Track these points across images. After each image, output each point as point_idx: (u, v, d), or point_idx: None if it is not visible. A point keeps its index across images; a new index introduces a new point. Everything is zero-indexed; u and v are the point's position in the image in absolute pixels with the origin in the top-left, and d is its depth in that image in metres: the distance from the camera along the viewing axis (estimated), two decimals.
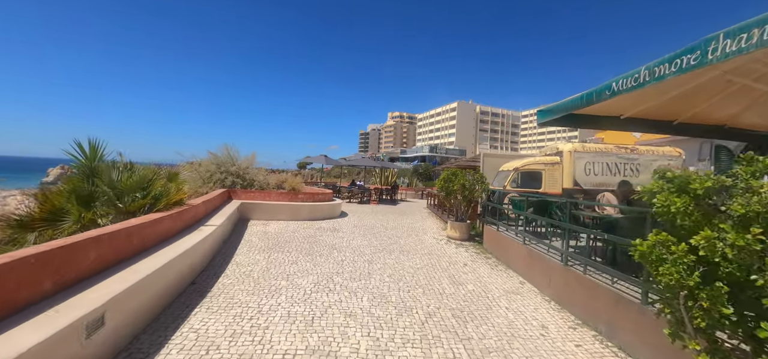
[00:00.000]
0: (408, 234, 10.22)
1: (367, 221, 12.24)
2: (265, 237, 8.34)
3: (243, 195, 10.83)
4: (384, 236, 9.57)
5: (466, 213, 10.14)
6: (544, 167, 9.58)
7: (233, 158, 11.86)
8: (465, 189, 9.52)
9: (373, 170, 33.06)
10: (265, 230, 9.16)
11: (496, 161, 11.68)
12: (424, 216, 15.39)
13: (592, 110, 5.95)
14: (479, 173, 9.91)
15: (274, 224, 10.08)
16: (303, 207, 11.21)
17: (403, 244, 8.77)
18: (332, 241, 8.48)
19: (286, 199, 11.27)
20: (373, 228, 10.79)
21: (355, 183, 23.48)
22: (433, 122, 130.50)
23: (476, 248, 9.00)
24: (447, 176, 9.72)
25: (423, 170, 51.57)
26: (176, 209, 5.47)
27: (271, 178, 12.69)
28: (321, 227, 10.22)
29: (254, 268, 5.84)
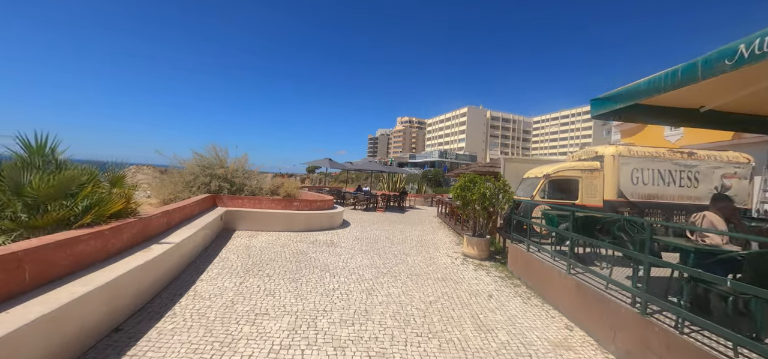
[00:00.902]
0: (417, 250, 8.75)
1: (371, 232, 10.81)
2: (245, 254, 6.98)
3: (229, 202, 9.53)
4: (389, 253, 8.12)
5: (486, 227, 8.63)
6: (581, 174, 8.04)
7: (222, 160, 10.59)
8: (486, 200, 8.03)
9: (381, 175, 31.68)
10: (249, 245, 7.80)
11: (518, 167, 10.15)
12: (435, 227, 13.88)
13: (666, 99, 4.49)
14: (502, 181, 8.40)
15: (262, 237, 8.72)
16: (298, 216, 9.85)
17: (412, 264, 7.30)
18: (326, 260, 7.07)
19: (279, 207, 9.93)
20: (377, 242, 9.35)
21: (360, 189, 22.11)
22: (443, 127, 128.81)
23: (499, 270, 7.48)
24: (464, 184, 8.24)
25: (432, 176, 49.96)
26: (113, 224, 4.13)
27: (265, 182, 11.38)
28: (316, 241, 8.82)
29: (215, 303, 4.45)
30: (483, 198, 7.95)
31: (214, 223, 7.87)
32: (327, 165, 21.57)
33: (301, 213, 9.99)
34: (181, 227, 6.23)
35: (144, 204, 7.24)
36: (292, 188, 11.13)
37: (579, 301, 4.73)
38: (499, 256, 8.85)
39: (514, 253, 7.43)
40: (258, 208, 9.68)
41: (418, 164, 73.80)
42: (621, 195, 7.84)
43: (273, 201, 9.88)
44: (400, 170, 24.58)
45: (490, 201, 8.09)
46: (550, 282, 5.59)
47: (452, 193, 8.52)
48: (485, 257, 8.41)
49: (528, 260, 6.61)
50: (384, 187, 28.43)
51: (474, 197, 7.95)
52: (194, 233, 6.07)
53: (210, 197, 9.15)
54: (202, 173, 9.75)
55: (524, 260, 6.78)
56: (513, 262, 7.42)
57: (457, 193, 8.30)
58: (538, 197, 8.15)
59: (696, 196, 7.89)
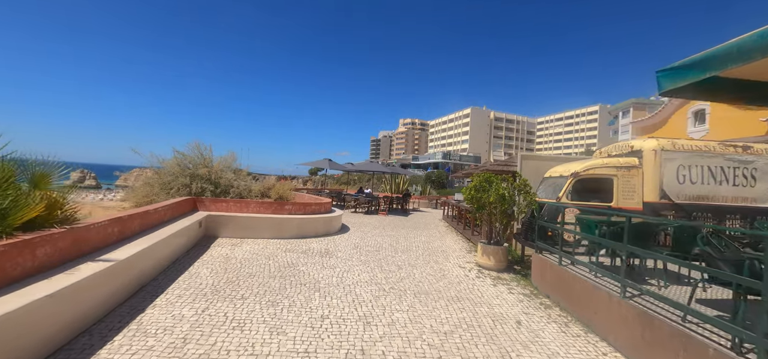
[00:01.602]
0: (425, 260, 7.62)
1: (371, 238, 9.69)
2: (221, 268, 5.88)
3: (212, 206, 8.45)
4: (392, 264, 7.00)
5: (504, 234, 7.49)
6: (616, 172, 6.89)
7: (206, 159, 9.52)
8: (505, 202, 6.89)
9: (383, 176, 30.56)
10: (229, 255, 6.70)
11: (537, 165, 9.00)
12: (442, 231, 12.74)
13: (756, 68, 3.35)
14: (522, 180, 7.26)
15: (246, 245, 7.63)
16: (289, 221, 8.75)
17: (420, 278, 6.18)
18: (318, 274, 5.96)
19: (269, 211, 8.83)
20: (379, 250, 8.23)
21: (362, 191, 21.02)
22: (446, 128, 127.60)
23: (522, 285, 6.35)
24: (479, 185, 7.11)
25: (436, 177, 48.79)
26: (19, 238, 3.05)
27: (255, 184, 10.30)
28: (309, 250, 7.72)
29: (160, 343, 3.35)
30: (502, 200, 6.81)
31: (189, 230, 6.79)
32: (326, 166, 20.49)
33: (294, 218, 8.89)
34: (140, 237, 5.15)
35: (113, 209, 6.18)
36: (285, 190, 10.05)
37: (644, 336, 3.58)
38: (518, 267, 7.71)
39: (540, 266, 6.29)
40: (244, 212, 8.60)
41: (421, 166, 72.67)
42: (664, 196, 6.68)
43: (261, 205, 8.79)
44: (403, 171, 23.49)
45: (510, 204, 6.95)
46: (596, 305, 4.45)
47: (464, 194, 7.38)
48: (503, 268, 7.28)
49: (561, 276, 5.47)
50: (386, 189, 27.32)
51: (491, 200, 6.81)
52: (154, 244, 4.98)
53: (188, 201, 8.08)
54: (182, 173, 8.68)
55: (556, 275, 5.63)
56: (539, 276, 6.28)
57: (471, 195, 7.17)
58: (566, 199, 7.00)
59: (753, 197, 6.72)
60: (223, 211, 8.43)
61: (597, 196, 7.03)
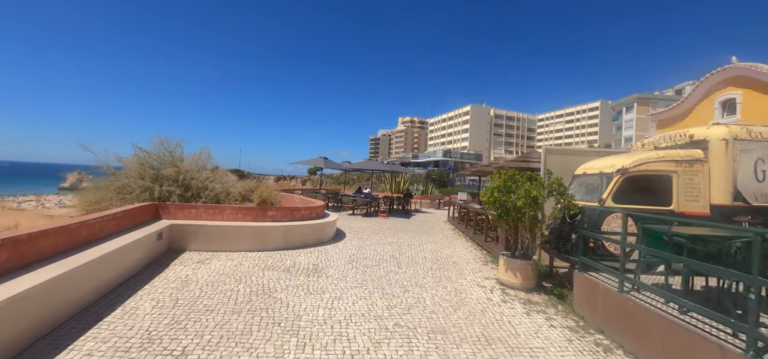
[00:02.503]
0: (435, 276, 6.24)
1: (370, 248, 8.31)
2: (172, 299, 4.49)
3: (178, 213, 7.05)
4: (396, 285, 5.62)
5: (533, 244, 6.10)
6: (675, 167, 5.52)
7: (175, 158, 8.11)
8: (536, 207, 5.51)
9: (383, 175, 29.17)
10: (189, 278, 5.31)
11: (566, 161, 7.60)
12: (449, 236, 11.38)
13: None
14: (555, 179, 5.87)
15: (217, 262, 6.23)
16: (273, 230, 7.37)
17: (432, 307, 4.80)
18: (299, 305, 4.57)
19: (248, 217, 7.44)
20: (380, 264, 6.84)
21: (361, 191, 19.64)
22: (446, 126, 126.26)
23: (561, 311, 4.98)
24: (503, 185, 5.72)
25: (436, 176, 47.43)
26: None
27: (235, 185, 8.90)
28: (294, 266, 6.33)
29: None
30: (533, 204, 5.42)
31: (141, 245, 5.40)
32: (322, 165, 19.08)
33: (278, 226, 7.50)
34: (57, 260, 3.75)
35: (60, 218, 4.80)
36: (270, 192, 8.66)
37: None
38: (548, 283, 6.35)
39: (585, 289, 4.91)
40: (218, 220, 7.20)
41: (421, 164, 71.27)
42: (738, 197, 5.31)
43: (239, 211, 7.39)
44: (403, 169, 22.13)
45: (542, 208, 5.57)
46: None
47: (485, 197, 5.98)
48: (532, 286, 5.91)
49: (623, 307, 4.08)
50: (386, 188, 25.93)
51: (520, 203, 5.42)
52: (73, 270, 3.59)
53: (147, 208, 6.67)
54: (142, 174, 7.27)
55: (614, 305, 4.25)
56: (585, 302, 4.90)
57: (493, 197, 5.77)
58: (611, 201, 5.61)
59: None
60: (191, 219, 7.03)
61: (650, 198, 5.65)
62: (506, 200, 5.58)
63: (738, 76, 13.92)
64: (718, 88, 14.70)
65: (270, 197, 8.63)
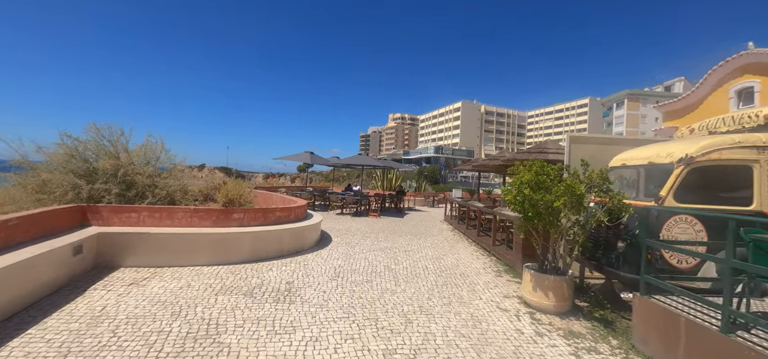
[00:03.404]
0: (442, 295, 4.88)
1: (360, 256, 6.90)
2: (71, 344, 3.02)
3: (114, 217, 5.50)
4: (393, 311, 4.24)
5: (570, 256, 4.77)
6: (756, 155, 4.29)
7: (117, 148, 6.53)
8: (581, 208, 4.18)
9: (374, 171, 27.74)
10: (108, 310, 3.81)
11: (597, 152, 6.30)
12: (449, 238, 10.07)
13: None
14: (596, 171, 4.55)
15: (160, 282, 4.74)
16: (239, 238, 5.88)
17: (445, 347, 3.43)
18: (256, 354, 3.14)
19: (207, 222, 5.93)
20: (371, 280, 5.44)
21: (350, 188, 18.19)
22: (436, 122, 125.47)
23: (620, 350, 3.67)
24: (534, 180, 4.37)
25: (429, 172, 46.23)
26: None
27: (195, 182, 7.37)
28: (261, 285, 4.88)
29: None
30: (577, 205, 4.09)
31: (44, 264, 3.88)
32: (308, 160, 17.56)
33: (246, 232, 6.01)
34: None
35: None
36: (239, 190, 7.15)
37: None
38: (583, 302, 5.06)
39: (657, 320, 3.60)
40: (166, 226, 5.68)
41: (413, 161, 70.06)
42: None
43: (195, 214, 5.88)
44: (396, 164, 20.78)
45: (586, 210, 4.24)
46: None
47: (508, 196, 4.61)
48: (566, 309, 4.61)
49: (735, 355, 2.78)
50: (378, 186, 24.52)
51: (558, 204, 4.07)
52: None
53: (69, 211, 5.11)
54: (66, 168, 5.68)
55: (717, 352, 2.94)
56: (657, 337, 3.59)
57: (522, 196, 4.40)
58: (672, 199, 4.33)
59: None
60: (130, 225, 5.50)
61: (723, 194, 4.39)
62: (540, 199, 4.23)
63: (755, 64, 12.94)
64: (733, 76, 13.72)
65: (240, 195, 7.13)
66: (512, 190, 4.45)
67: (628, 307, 5.15)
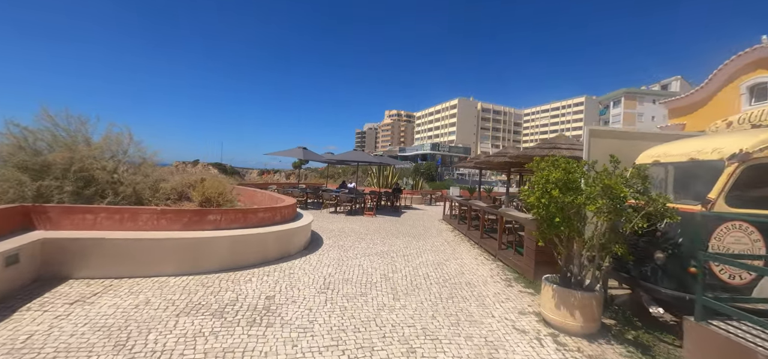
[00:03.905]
0: (449, 312, 4.16)
1: (354, 262, 6.16)
2: None
3: (65, 219, 4.70)
4: (393, 335, 3.51)
5: (600, 270, 4.07)
6: None
7: (77, 139, 5.70)
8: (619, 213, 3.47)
9: (370, 168, 26.99)
10: (37, 336, 3.04)
11: (620, 147, 5.59)
12: (449, 239, 9.40)
13: None
14: (633, 170, 3.85)
15: (113, 297, 3.97)
16: (213, 243, 5.12)
17: None
18: None
19: (177, 225, 5.15)
20: (366, 291, 4.71)
21: (345, 185, 17.45)
22: (433, 119, 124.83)
23: None
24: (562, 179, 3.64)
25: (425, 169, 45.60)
26: None
27: (170, 179, 6.57)
28: (235, 302, 4.13)
29: None
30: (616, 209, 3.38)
31: None
32: (300, 155, 16.75)
33: (223, 236, 5.24)
34: None
35: None
36: (218, 187, 6.36)
37: None
38: (611, 320, 4.38)
39: (720, 353, 2.91)
40: (128, 229, 4.90)
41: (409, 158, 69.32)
42: None
43: (163, 215, 5.09)
44: (392, 161, 20.03)
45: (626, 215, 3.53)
46: None
47: (530, 198, 3.88)
48: (595, 330, 3.92)
49: None
50: (373, 183, 23.78)
51: (592, 208, 3.36)
52: None
53: (5, 213, 4.30)
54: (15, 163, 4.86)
55: None
56: None
57: (546, 199, 3.68)
58: (723, 203, 3.64)
59: None
60: (85, 229, 4.71)
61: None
62: (570, 201, 3.51)
63: None
64: (745, 71, 13.14)
65: (219, 193, 6.34)
66: (535, 190, 3.72)
67: (660, 325, 4.49)
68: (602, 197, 3.37)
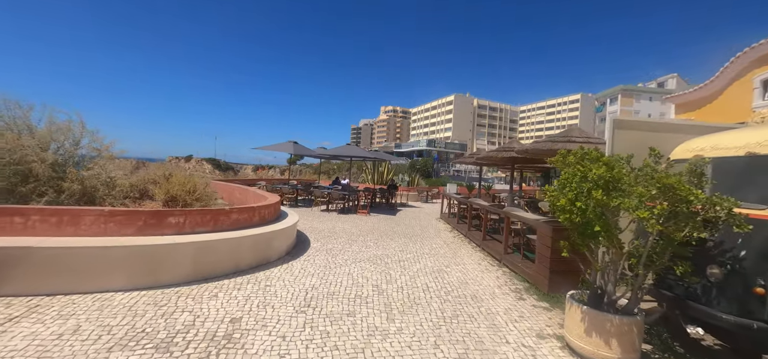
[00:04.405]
0: (454, 338, 3.39)
1: (343, 270, 5.38)
2: None
3: None
4: None
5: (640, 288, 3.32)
6: None
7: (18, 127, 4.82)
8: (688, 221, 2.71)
9: (364, 163, 26.17)
10: None
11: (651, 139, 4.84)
12: (448, 240, 8.66)
13: None
14: (688, 167, 3.11)
15: (35, 323, 3.16)
16: (174, 250, 4.30)
17: None
18: None
19: (130, 229, 4.32)
20: (355, 309, 3.93)
21: (338, 181, 16.62)
22: (429, 116, 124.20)
23: None
24: (610, 177, 2.86)
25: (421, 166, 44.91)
26: None
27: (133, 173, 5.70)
28: (192, 325, 3.33)
29: None
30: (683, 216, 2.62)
31: None
32: (290, 150, 15.88)
33: (186, 242, 4.42)
34: None
35: None
36: (185, 185, 5.51)
37: None
38: (647, 344, 3.65)
39: None
40: (68, 235, 4.06)
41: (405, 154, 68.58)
42: None
43: (111, 218, 4.25)
44: (388, 156, 19.23)
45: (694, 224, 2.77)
46: None
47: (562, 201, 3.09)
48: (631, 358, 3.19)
49: None
50: (368, 179, 22.97)
51: (644, 215, 2.60)
52: None
53: None
54: None
55: None
56: None
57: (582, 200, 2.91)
58: None
59: None
60: (12, 234, 3.87)
61: None
62: (618, 205, 2.74)
63: None
64: (758, 64, 12.51)
65: (188, 191, 5.50)
66: (567, 191, 2.95)
67: (702, 350, 3.79)
68: (661, 198, 2.61)
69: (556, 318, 4.27)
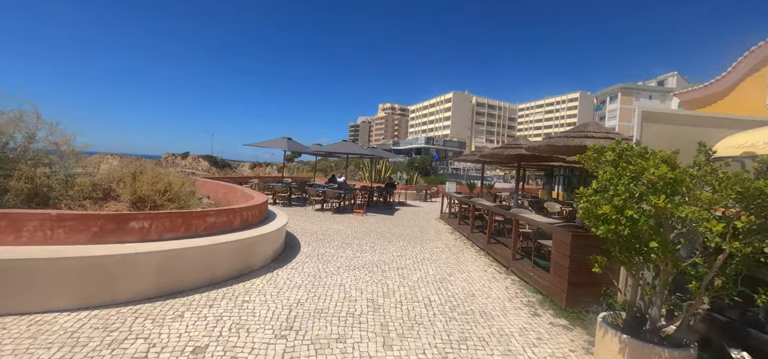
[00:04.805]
0: None
1: (334, 280, 4.76)
2: None
3: None
4: None
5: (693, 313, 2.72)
6: None
7: None
8: None
9: (362, 161, 25.52)
10: None
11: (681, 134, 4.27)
12: (450, 243, 8.06)
13: None
14: (756, 165, 2.51)
15: None
16: (136, 261, 3.66)
17: None
18: None
19: (83, 236, 3.69)
20: (345, 330, 3.31)
21: (334, 179, 16.00)
22: (427, 113, 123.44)
23: None
24: (673, 178, 2.25)
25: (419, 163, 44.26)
26: None
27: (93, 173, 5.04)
28: (146, 357, 2.70)
29: None
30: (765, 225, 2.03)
31: None
32: (284, 147, 15.21)
33: (149, 251, 3.78)
34: None
35: None
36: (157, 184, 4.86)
37: None
38: None
39: None
40: (7, 244, 3.41)
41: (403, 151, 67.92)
42: None
43: (59, 223, 3.61)
44: (386, 154, 18.60)
45: None
46: None
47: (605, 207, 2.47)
48: None
49: None
50: (365, 177, 22.33)
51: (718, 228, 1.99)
52: None
53: None
54: None
55: None
56: None
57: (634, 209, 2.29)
58: None
59: None
60: None
61: None
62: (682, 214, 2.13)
63: None
64: None
65: (159, 191, 4.85)
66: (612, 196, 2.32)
67: None
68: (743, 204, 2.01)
69: (578, 340, 3.68)
